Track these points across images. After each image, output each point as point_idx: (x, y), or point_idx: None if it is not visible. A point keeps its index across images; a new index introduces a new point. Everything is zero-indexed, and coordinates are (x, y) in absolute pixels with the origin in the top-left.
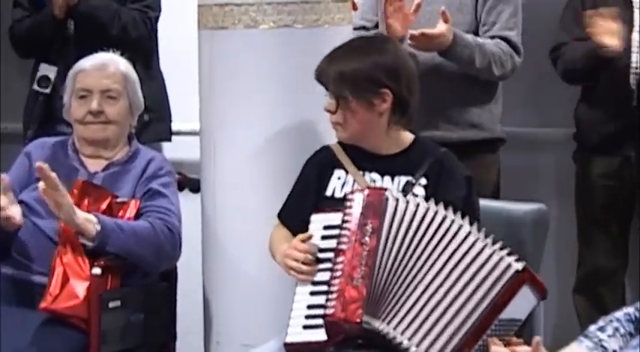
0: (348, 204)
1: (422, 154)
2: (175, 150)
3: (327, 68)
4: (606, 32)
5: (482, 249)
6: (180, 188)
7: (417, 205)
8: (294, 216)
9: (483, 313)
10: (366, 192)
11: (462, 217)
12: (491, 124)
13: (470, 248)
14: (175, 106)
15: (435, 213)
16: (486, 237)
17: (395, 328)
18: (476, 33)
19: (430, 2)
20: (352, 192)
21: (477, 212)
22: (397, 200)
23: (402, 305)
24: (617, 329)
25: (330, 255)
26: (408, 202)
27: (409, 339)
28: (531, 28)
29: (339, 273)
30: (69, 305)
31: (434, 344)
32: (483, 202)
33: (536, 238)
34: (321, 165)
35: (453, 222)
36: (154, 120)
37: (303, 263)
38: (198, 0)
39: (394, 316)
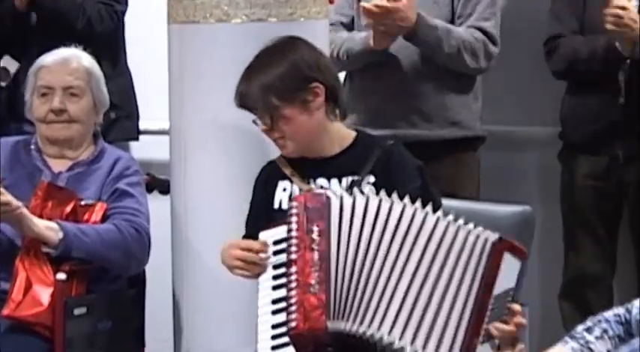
0: (290, 212)
1: (366, 150)
2: (143, 149)
3: (247, 88)
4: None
5: (457, 232)
6: (149, 189)
7: (367, 199)
8: (255, 224)
9: (479, 295)
10: (306, 196)
11: (423, 206)
12: (471, 122)
13: (443, 234)
14: (143, 104)
15: (392, 205)
16: (456, 220)
17: (370, 325)
18: None
19: None
20: (292, 200)
21: (437, 202)
22: (341, 197)
23: (379, 302)
24: (605, 331)
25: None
26: (354, 197)
27: (389, 333)
28: (513, 20)
29: (294, 284)
30: (32, 313)
31: (442, 340)
32: (464, 204)
33: (521, 241)
34: (266, 180)
35: (416, 210)
36: (120, 118)
37: (246, 261)
38: None
39: (369, 314)
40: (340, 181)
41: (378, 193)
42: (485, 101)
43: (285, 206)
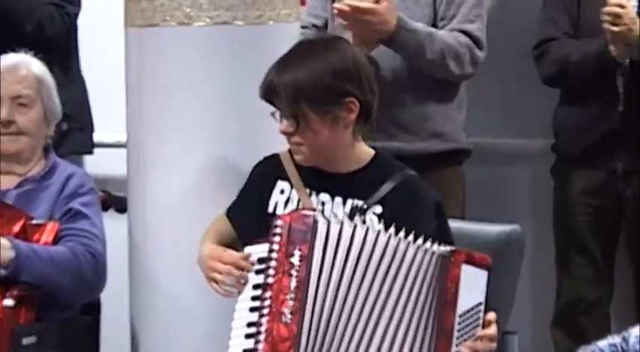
0: (274, 230)
1: (381, 176)
2: (98, 164)
3: (277, 80)
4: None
5: (415, 254)
6: (105, 208)
7: (355, 227)
8: (240, 216)
9: (438, 316)
10: (292, 215)
11: None
12: (454, 133)
13: (402, 258)
14: (98, 114)
15: (377, 235)
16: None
17: None
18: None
19: None
20: (277, 217)
21: (452, 243)
22: (328, 222)
23: (352, 336)
24: None
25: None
26: (342, 224)
27: None
28: (502, 25)
29: (266, 310)
30: None
31: None
32: (450, 223)
33: (510, 264)
34: (264, 174)
35: (399, 241)
36: (73, 130)
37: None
38: None
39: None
40: (345, 202)
41: (385, 226)
42: (470, 111)
43: (280, 211)
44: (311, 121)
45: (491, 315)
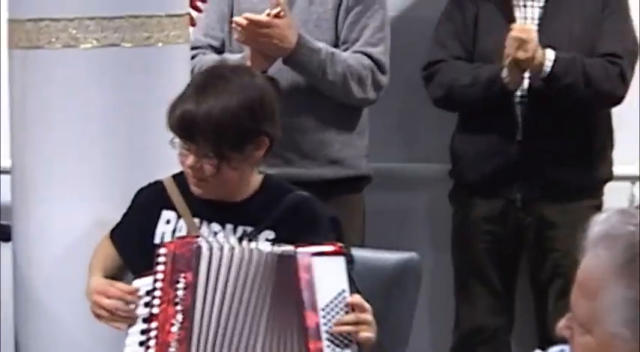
0: (157, 260)
1: (272, 200)
2: None
3: (197, 112)
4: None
5: (260, 259)
6: None
7: (233, 249)
8: (124, 241)
9: (299, 316)
10: (176, 243)
11: None
12: (354, 160)
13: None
14: None
15: (251, 253)
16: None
17: None
18: None
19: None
20: (160, 246)
21: (352, 259)
22: (211, 248)
23: None
24: None
25: None
26: (222, 248)
27: None
28: (401, 49)
29: (152, 342)
30: None
31: None
32: None
33: (407, 292)
34: (147, 202)
35: (256, 252)
36: None
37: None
38: (8, 13)
39: None
40: (235, 230)
41: None
42: (373, 136)
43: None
44: (230, 161)
45: (355, 298)
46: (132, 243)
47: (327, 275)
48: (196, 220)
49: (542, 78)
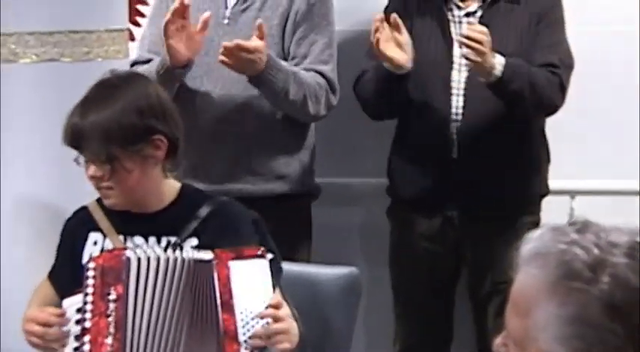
0: (87, 274)
1: (191, 208)
2: None
3: (82, 124)
4: (393, 42)
5: (175, 266)
6: None
7: (158, 259)
8: (60, 277)
9: (216, 319)
10: (104, 256)
11: None
12: (301, 175)
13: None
14: None
15: (175, 261)
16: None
17: None
18: None
19: (227, 32)
20: (88, 261)
21: (276, 259)
22: (139, 258)
23: None
24: None
25: None
26: (149, 258)
27: None
28: (341, 66)
29: None
30: None
31: None
32: (285, 266)
33: (346, 307)
34: (74, 228)
35: (176, 259)
36: None
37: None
38: None
39: None
40: (159, 241)
41: None
42: (320, 151)
43: None
44: (123, 162)
45: (274, 299)
46: (66, 274)
47: (246, 278)
48: (121, 237)
49: (491, 82)
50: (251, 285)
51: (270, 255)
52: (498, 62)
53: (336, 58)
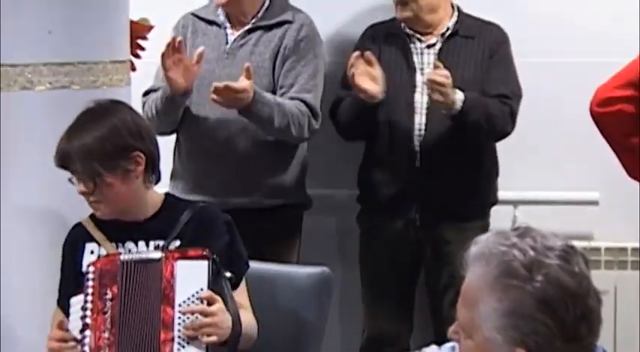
0: (87, 277)
1: (174, 214)
2: None
3: (68, 148)
4: (367, 76)
5: (136, 265)
6: None
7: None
8: (67, 298)
9: (159, 310)
10: (101, 261)
11: (229, 263)
12: (294, 188)
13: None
14: None
15: (146, 261)
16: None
17: None
18: None
19: (227, 65)
20: (88, 265)
21: (244, 256)
22: (128, 261)
23: None
24: None
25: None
26: (137, 261)
27: None
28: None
29: (87, 348)
30: None
31: None
32: (264, 266)
33: (319, 302)
34: (72, 243)
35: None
36: None
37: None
38: None
39: None
40: (148, 245)
41: None
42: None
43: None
44: (105, 178)
45: (206, 293)
46: (72, 291)
47: (188, 276)
48: (113, 244)
49: (452, 114)
50: (191, 282)
51: (214, 256)
52: (459, 98)
53: (322, 87)
